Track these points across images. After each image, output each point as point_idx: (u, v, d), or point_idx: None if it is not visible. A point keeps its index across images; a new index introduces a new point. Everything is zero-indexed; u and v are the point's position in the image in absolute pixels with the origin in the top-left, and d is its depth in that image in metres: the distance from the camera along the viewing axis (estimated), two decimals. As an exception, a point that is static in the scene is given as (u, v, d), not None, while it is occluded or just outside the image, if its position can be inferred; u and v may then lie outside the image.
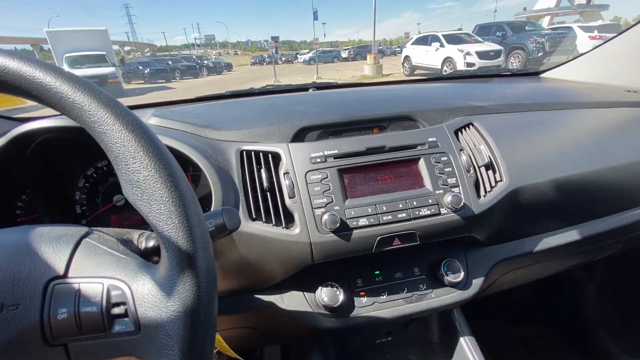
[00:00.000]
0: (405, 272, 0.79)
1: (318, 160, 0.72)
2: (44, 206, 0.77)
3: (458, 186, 0.74)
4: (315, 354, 0.87)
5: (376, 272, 0.79)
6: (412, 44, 13.68)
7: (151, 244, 0.55)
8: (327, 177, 0.71)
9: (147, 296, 0.34)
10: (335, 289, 0.73)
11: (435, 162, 0.75)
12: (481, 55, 10.46)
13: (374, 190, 0.72)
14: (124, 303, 0.35)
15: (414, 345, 0.90)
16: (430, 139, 0.78)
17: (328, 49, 37.92)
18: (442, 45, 11.71)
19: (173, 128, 0.79)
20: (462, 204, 0.70)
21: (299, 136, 0.81)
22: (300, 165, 0.71)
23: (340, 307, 0.72)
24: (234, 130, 0.79)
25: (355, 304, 0.75)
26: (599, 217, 0.89)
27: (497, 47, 11.08)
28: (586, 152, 0.87)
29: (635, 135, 0.94)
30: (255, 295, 0.74)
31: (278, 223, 0.68)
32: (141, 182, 0.34)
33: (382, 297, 0.76)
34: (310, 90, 1.32)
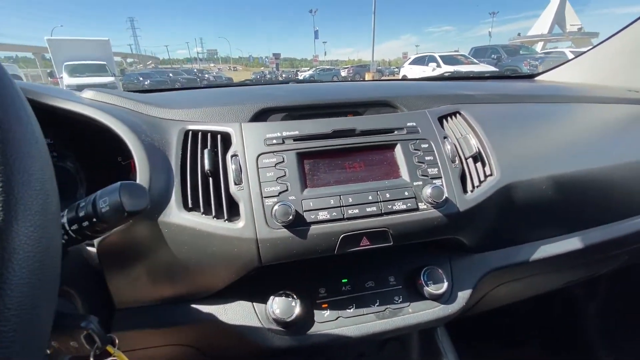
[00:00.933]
0: (378, 280, 0.66)
1: (274, 141, 0.61)
2: None
3: (440, 178, 0.62)
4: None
5: (343, 281, 0.66)
6: (409, 63, 13.93)
7: None
8: (283, 162, 0.59)
9: None
10: (290, 299, 0.59)
11: (415, 150, 0.64)
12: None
13: (340, 179, 0.61)
14: None
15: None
16: (409, 124, 0.67)
17: (328, 67, 38.45)
18: (438, 66, 11.92)
19: (108, 102, 0.67)
20: (444, 197, 0.59)
21: (260, 119, 0.70)
22: (252, 147, 0.60)
23: (295, 322, 0.58)
24: (182, 109, 0.68)
25: (315, 318, 0.61)
26: (604, 222, 0.77)
27: (492, 68, 11.35)
28: (589, 147, 0.77)
29: (643, 132, 0.84)
30: (193, 305, 0.61)
31: (219, 214, 0.56)
32: None
33: (348, 310, 0.63)
34: (290, 84, 1.22)
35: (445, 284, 0.64)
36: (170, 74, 21.64)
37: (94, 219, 0.39)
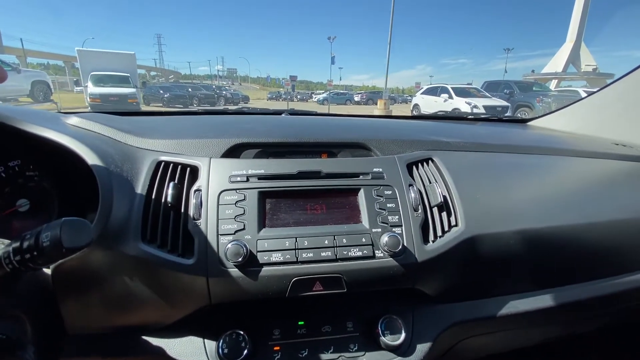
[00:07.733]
0: (335, 325, 0.65)
1: (238, 179, 0.62)
2: None
3: (400, 226, 0.62)
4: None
5: (300, 323, 0.65)
6: (421, 93, 14.10)
7: None
8: (244, 200, 0.60)
9: None
10: (240, 339, 0.59)
11: (377, 196, 0.64)
12: (488, 109, 10.60)
13: (300, 221, 0.61)
14: None
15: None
16: (375, 169, 0.67)
17: (342, 91, 39.45)
18: (450, 97, 12.02)
19: (91, 130, 0.71)
20: (400, 247, 0.58)
21: (234, 153, 0.72)
22: (216, 183, 0.61)
23: None
24: (160, 140, 0.71)
25: None
26: (578, 281, 0.74)
27: (504, 103, 11.32)
28: (563, 203, 0.76)
29: (622, 190, 0.83)
30: (144, 337, 0.60)
31: (174, 249, 0.56)
32: None
33: (300, 355, 0.61)
34: (283, 115, 1.26)
35: (403, 335, 0.63)
36: (189, 89, 22.34)
37: (35, 252, 0.40)
